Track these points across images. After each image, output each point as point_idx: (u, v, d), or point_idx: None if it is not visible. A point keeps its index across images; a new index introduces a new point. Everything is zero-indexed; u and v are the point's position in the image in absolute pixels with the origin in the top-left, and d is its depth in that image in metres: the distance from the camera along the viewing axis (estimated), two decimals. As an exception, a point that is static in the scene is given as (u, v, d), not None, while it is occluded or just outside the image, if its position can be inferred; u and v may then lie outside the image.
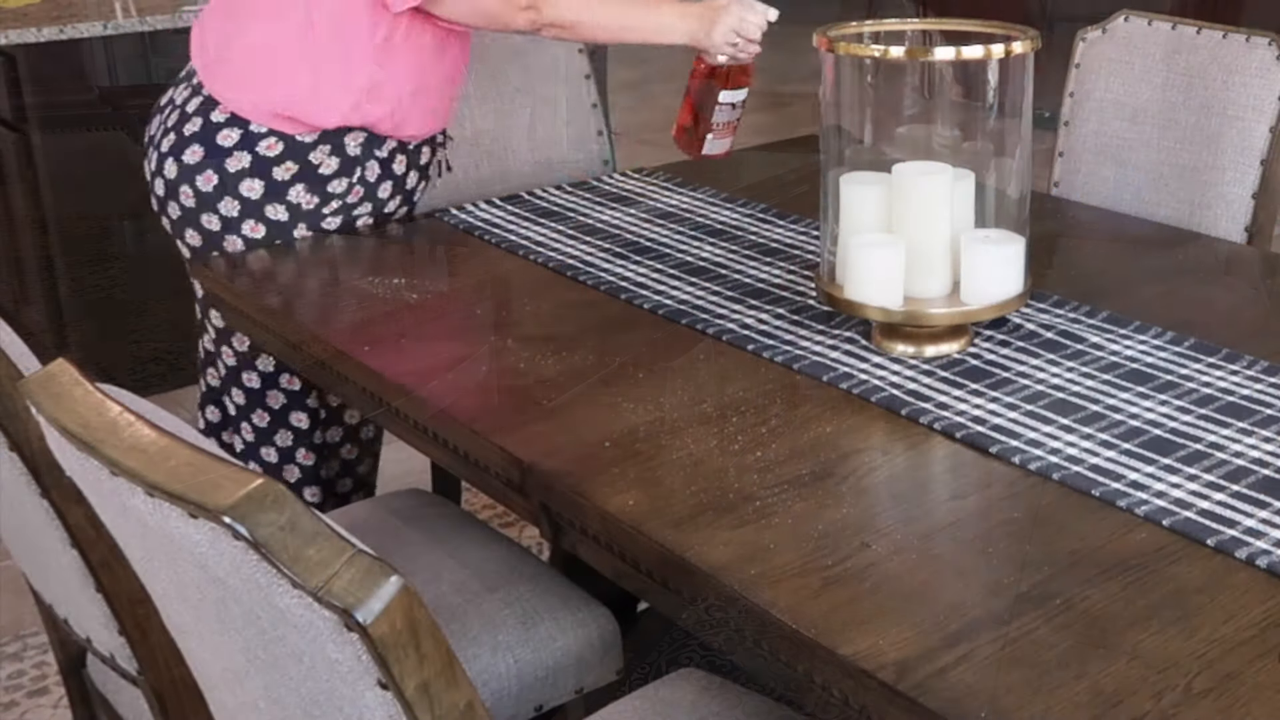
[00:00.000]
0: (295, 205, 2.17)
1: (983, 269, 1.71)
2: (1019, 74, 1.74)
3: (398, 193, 2.27)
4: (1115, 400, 1.62)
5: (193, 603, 1.04)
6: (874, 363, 1.72)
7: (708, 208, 2.36)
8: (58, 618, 1.64)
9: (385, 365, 1.78)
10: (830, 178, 1.78)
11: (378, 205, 2.25)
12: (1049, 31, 5.10)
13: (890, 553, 1.32)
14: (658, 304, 1.93)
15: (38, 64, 3.49)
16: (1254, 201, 2.33)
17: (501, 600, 1.75)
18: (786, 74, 7.63)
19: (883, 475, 1.49)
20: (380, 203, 2.25)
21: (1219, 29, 2.40)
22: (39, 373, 1.08)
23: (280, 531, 0.88)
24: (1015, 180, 1.78)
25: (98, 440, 0.99)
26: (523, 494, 1.55)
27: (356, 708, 0.94)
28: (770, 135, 3.67)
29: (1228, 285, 2.04)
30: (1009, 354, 1.74)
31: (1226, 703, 1.11)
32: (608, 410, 1.63)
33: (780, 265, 2.08)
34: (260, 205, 2.15)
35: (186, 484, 0.92)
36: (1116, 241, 2.23)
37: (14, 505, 1.48)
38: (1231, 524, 1.35)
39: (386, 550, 1.23)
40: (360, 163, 2.19)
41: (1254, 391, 1.63)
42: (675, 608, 1.38)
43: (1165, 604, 1.24)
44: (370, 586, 0.88)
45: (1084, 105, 2.56)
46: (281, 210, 2.16)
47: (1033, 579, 1.28)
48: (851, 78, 1.79)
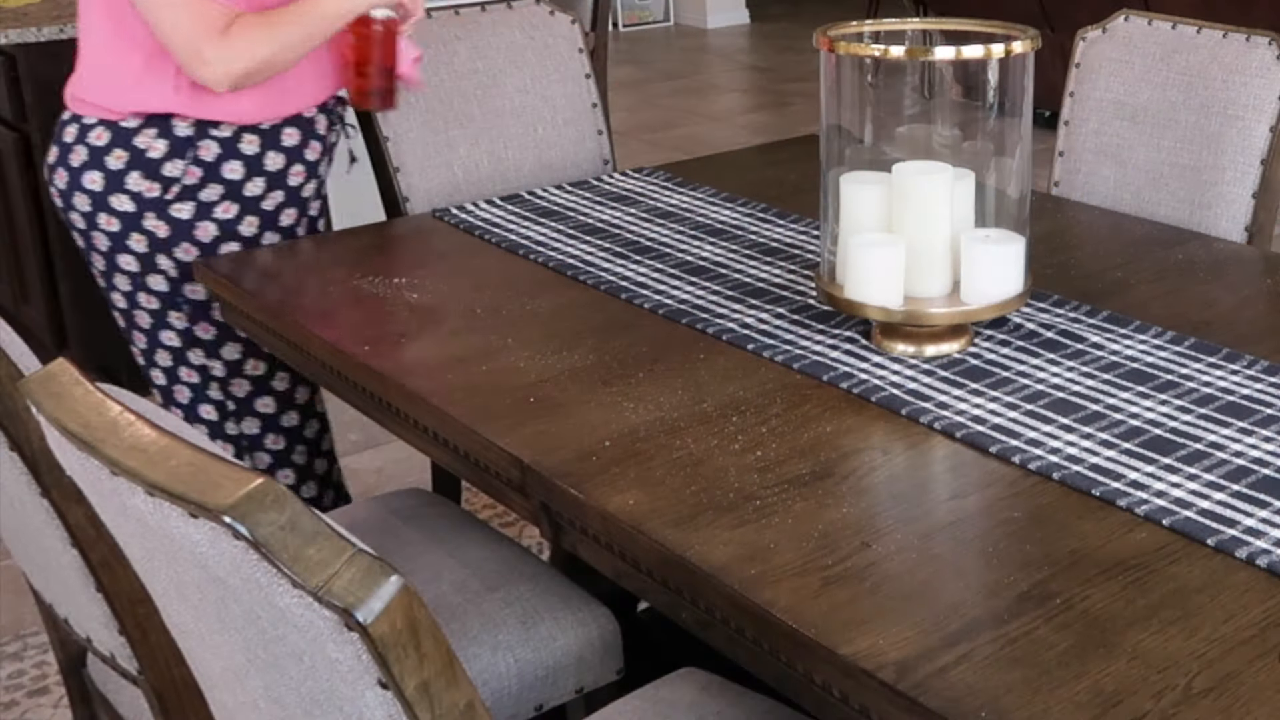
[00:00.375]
0: (137, 194, 2.16)
1: (983, 268, 1.71)
2: (1019, 73, 1.74)
3: (293, 163, 2.25)
4: (1115, 400, 1.62)
5: (193, 602, 1.04)
6: (874, 362, 1.72)
7: (708, 207, 2.36)
8: (58, 617, 1.64)
9: (385, 365, 1.78)
10: (830, 177, 1.78)
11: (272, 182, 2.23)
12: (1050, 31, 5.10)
13: (890, 552, 1.32)
14: (658, 303, 1.93)
15: (38, 64, 3.49)
16: (1254, 201, 2.33)
17: (502, 600, 1.75)
18: (786, 73, 7.65)
19: (883, 475, 1.49)
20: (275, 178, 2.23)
21: (1219, 28, 2.40)
22: (39, 372, 1.08)
23: (280, 531, 0.88)
24: (1015, 180, 1.78)
25: (98, 440, 0.99)
26: (523, 493, 1.55)
27: (356, 707, 0.94)
28: (770, 135, 3.67)
29: (1228, 285, 2.03)
30: (1009, 353, 1.74)
31: (1227, 702, 1.11)
32: (608, 410, 1.63)
33: (780, 265, 2.08)
34: (106, 197, 2.17)
35: (187, 483, 0.92)
36: (1117, 241, 2.23)
37: (14, 505, 1.48)
38: (1232, 523, 1.35)
39: (387, 550, 1.24)
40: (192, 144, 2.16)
41: (1254, 391, 1.63)
42: (675, 607, 1.38)
43: (1165, 603, 1.24)
44: (370, 586, 0.88)
45: (1084, 105, 2.56)
46: (127, 200, 2.16)
47: (1033, 578, 1.28)
48: (852, 77, 1.79)
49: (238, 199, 2.21)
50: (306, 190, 2.29)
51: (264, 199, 2.23)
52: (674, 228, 2.27)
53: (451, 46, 2.59)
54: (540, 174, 2.65)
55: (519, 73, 2.65)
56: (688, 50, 8.56)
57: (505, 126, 2.63)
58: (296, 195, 2.27)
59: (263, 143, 2.21)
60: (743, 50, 8.43)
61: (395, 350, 1.83)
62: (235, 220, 2.21)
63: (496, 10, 2.66)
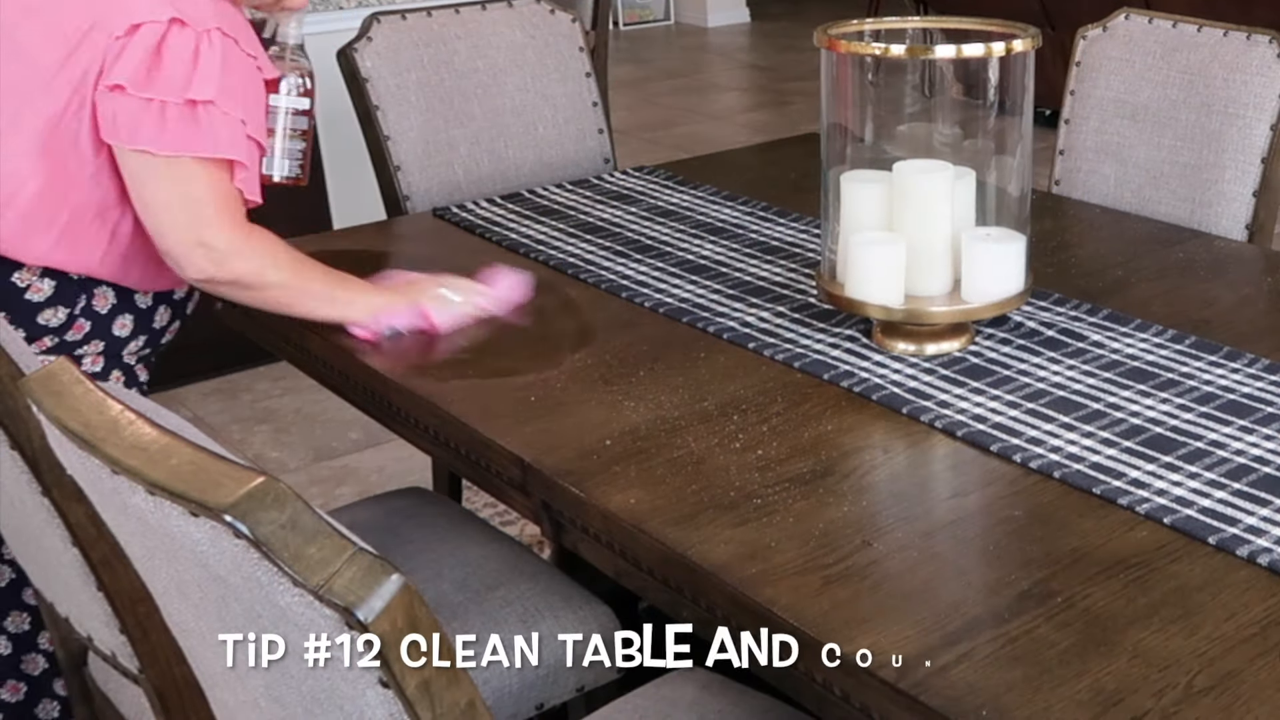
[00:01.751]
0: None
1: (983, 267, 1.71)
2: (1020, 72, 1.74)
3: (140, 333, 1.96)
4: (1116, 398, 1.62)
5: (194, 601, 1.04)
6: (875, 361, 1.72)
7: (708, 206, 2.36)
8: (59, 616, 1.64)
9: (386, 364, 1.78)
10: (831, 176, 1.78)
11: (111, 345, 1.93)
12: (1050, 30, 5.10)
13: (891, 551, 1.32)
14: (659, 302, 1.93)
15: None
16: (1255, 199, 2.32)
17: (502, 599, 1.75)
18: (787, 72, 7.64)
19: (883, 473, 1.49)
20: (116, 341, 1.93)
21: (1220, 27, 2.40)
22: (40, 371, 1.08)
23: (281, 530, 0.88)
24: (1016, 178, 1.78)
25: (98, 439, 0.99)
26: (524, 492, 1.55)
27: (357, 706, 0.94)
28: (771, 133, 3.68)
29: (1228, 283, 2.03)
30: (1010, 352, 1.74)
31: (1227, 701, 1.11)
32: (609, 408, 1.63)
33: (781, 263, 2.08)
34: None
35: (187, 482, 0.92)
36: (1117, 240, 2.23)
37: (15, 504, 1.48)
38: (1232, 522, 1.35)
39: (387, 549, 1.24)
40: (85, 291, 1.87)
41: (1255, 389, 1.63)
42: (676, 606, 1.38)
43: (1166, 602, 1.24)
44: (371, 585, 0.88)
45: (1085, 103, 2.56)
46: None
47: (1033, 577, 1.28)
48: (852, 76, 1.79)
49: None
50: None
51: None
52: (674, 226, 2.27)
53: (452, 45, 2.59)
54: (541, 173, 2.65)
55: (519, 71, 2.65)
56: (688, 49, 8.56)
57: (506, 125, 2.63)
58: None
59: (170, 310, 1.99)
60: (743, 49, 8.43)
61: (396, 349, 1.83)
62: None
63: (497, 9, 2.66)
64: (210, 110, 1.75)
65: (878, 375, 1.68)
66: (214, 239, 1.78)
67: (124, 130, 1.75)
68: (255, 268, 1.81)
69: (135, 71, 1.73)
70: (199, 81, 1.74)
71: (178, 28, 1.74)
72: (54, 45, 1.77)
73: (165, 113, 1.74)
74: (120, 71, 1.73)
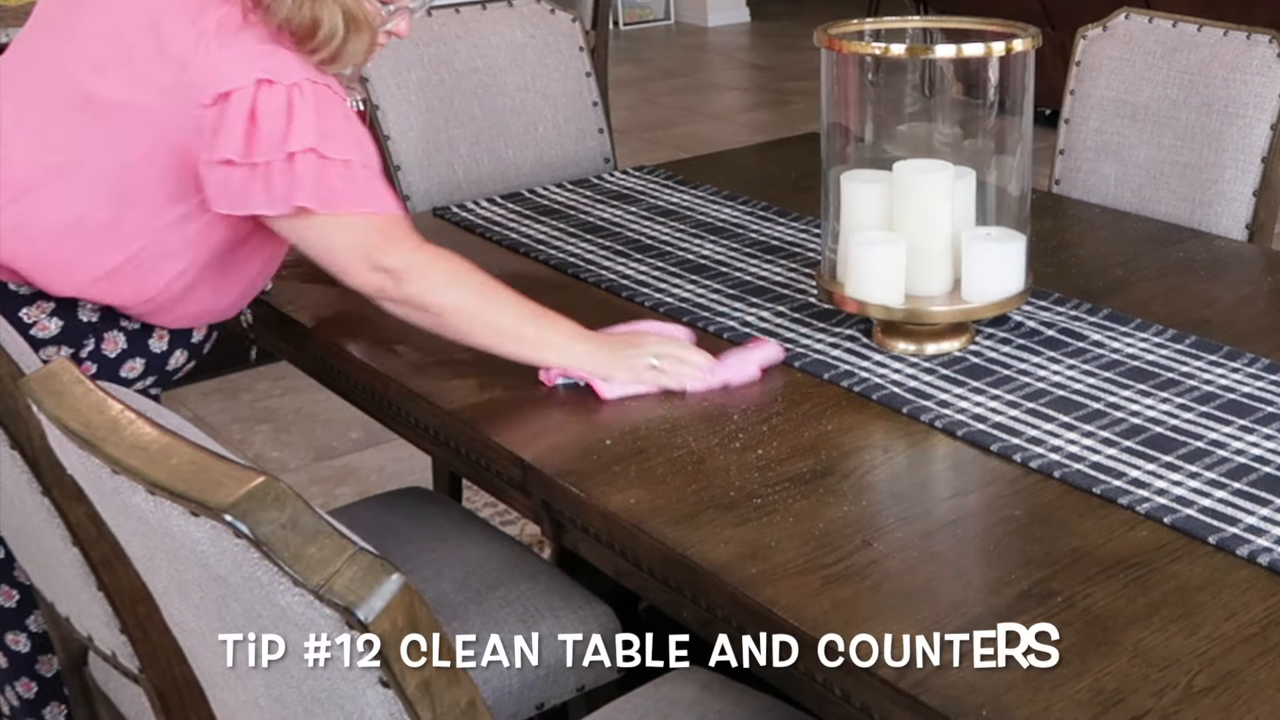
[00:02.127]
0: None
1: (984, 267, 1.71)
2: (1020, 71, 1.74)
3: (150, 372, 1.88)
4: (1116, 398, 1.62)
5: (194, 600, 1.04)
6: (875, 360, 1.72)
7: (708, 205, 2.36)
8: (59, 616, 1.64)
9: (386, 364, 1.78)
10: (831, 175, 1.78)
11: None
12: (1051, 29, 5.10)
13: (891, 551, 1.32)
14: (659, 302, 1.93)
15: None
16: (1255, 199, 2.33)
17: (502, 598, 1.75)
18: (787, 72, 7.64)
19: (884, 473, 1.49)
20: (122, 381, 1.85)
21: (1220, 26, 2.40)
22: (40, 371, 1.08)
23: (281, 529, 0.88)
24: (1016, 178, 1.78)
25: (99, 438, 0.99)
26: (524, 492, 1.55)
27: (358, 705, 0.94)
28: (771, 133, 3.68)
29: (1229, 283, 2.03)
30: (1010, 352, 1.74)
31: (1228, 700, 1.11)
32: (609, 408, 1.63)
33: (781, 263, 2.08)
34: None
35: (187, 482, 0.92)
36: (1117, 239, 2.23)
37: (15, 504, 1.48)
38: (1233, 521, 1.35)
39: (387, 548, 1.24)
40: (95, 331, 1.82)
41: (1255, 389, 1.63)
42: (676, 606, 1.38)
43: (1166, 602, 1.24)
44: (371, 584, 0.88)
45: (1085, 103, 2.56)
46: None
47: (1033, 577, 1.28)
48: (852, 75, 1.79)
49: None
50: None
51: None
52: (674, 226, 2.27)
53: (452, 45, 2.59)
54: (541, 172, 2.65)
55: (519, 71, 2.65)
56: (688, 48, 8.55)
57: (506, 125, 2.63)
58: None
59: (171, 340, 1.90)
60: (743, 48, 8.43)
61: (396, 349, 1.83)
62: None
63: (497, 8, 2.66)
64: (308, 159, 1.67)
65: (878, 375, 1.68)
66: (386, 259, 1.69)
67: (238, 199, 1.69)
68: (426, 288, 1.70)
69: (238, 142, 1.66)
70: (295, 135, 1.67)
71: (266, 88, 1.67)
72: (130, 93, 1.71)
73: (270, 172, 1.67)
74: (225, 145, 1.67)
